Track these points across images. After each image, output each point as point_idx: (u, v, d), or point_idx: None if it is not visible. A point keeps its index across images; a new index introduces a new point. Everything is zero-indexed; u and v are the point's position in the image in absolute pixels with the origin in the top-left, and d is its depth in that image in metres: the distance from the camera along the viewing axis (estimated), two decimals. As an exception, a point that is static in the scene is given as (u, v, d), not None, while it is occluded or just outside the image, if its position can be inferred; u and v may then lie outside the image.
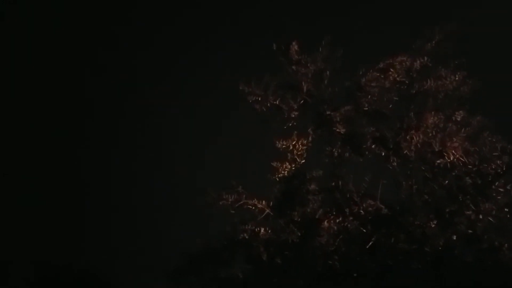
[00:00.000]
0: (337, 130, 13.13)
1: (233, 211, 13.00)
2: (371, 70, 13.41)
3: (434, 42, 13.18)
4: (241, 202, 12.98)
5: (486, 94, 13.03)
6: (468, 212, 12.07)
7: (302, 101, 13.67)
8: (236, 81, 13.98)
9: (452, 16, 13.68)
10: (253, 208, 12.96)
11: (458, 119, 12.81)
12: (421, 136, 12.64)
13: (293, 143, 13.21)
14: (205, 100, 16.83)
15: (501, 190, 12.10)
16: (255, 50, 14.73)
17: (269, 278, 12.53)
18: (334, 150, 13.13)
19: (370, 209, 12.28)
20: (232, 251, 12.93)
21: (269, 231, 12.71)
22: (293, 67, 13.80)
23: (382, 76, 13.28)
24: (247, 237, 12.79)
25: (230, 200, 12.95)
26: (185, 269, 13.02)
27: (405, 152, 12.70)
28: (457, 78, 12.90)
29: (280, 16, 17.32)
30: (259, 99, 13.67)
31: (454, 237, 11.94)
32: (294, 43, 13.76)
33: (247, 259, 12.86)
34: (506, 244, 11.72)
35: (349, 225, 12.07)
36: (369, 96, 13.32)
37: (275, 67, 14.14)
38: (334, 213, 12.33)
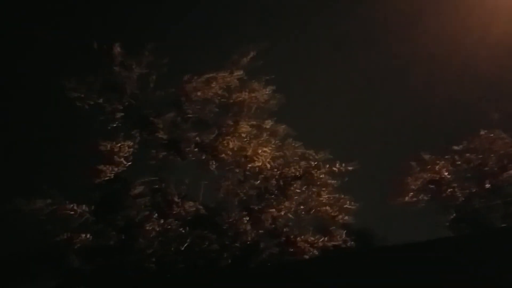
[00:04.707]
0: (160, 135, 14.07)
1: (43, 217, 12.85)
2: (196, 79, 14.54)
3: (249, 57, 14.79)
4: (55, 207, 12.89)
5: (291, 106, 15.15)
6: (272, 210, 14.07)
7: (127, 103, 14.28)
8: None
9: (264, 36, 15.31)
10: (72, 213, 13.00)
11: (267, 127, 14.69)
12: (235, 143, 14.27)
13: (119, 145, 13.82)
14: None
15: (298, 190, 14.34)
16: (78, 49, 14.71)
17: None
18: (158, 153, 14.07)
19: (189, 210, 13.53)
20: (42, 263, 12.85)
21: (88, 236, 12.84)
22: (116, 68, 14.27)
23: (206, 87, 14.51)
24: (60, 245, 12.75)
25: (40, 205, 12.79)
26: None
27: (222, 156, 14.23)
28: (267, 92, 14.74)
29: (107, 18, 17.32)
30: (82, 96, 13.91)
31: (261, 232, 13.87)
32: (116, 44, 14.22)
33: (59, 270, 12.98)
34: (301, 236, 13.98)
35: (169, 227, 13.14)
36: (193, 104, 14.50)
37: (100, 66, 14.43)
38: (156, 215, 13.30)
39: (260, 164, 14.19)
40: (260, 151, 14.14)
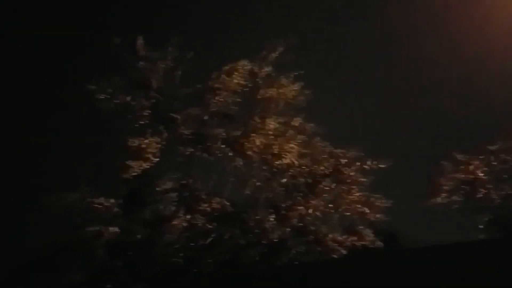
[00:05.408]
0: (186, 131, 14.00)
1: (75, 211, 12.98)
2: (220, 73, 14.42)
3: (277, 52, 14.58)
4: (85, 201, 12.97)
5: (319, 103, 14.90)
6: (299, 208, 13.83)
7: (153, 101, 14.25)
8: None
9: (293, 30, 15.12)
10: (100, 207, 13.05)
11: (296, 125, 14.46)
12: (262, 140, 14.07)
13: (147, 141, 13.78)
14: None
15: (327, 188, 14.07)
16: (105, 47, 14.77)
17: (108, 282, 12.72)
18: (185, 149, 14.00)
19: (216, 206, 13.42)
20: (69, 256, 12.91)
21: (117, 230, 12.91)
22: (141, 63, 14.24)
23: (228, 79, 14.36)
24: (89, 239, 12.80)
25: (70, 200, 12.92)
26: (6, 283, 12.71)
27: (248, 153, 14.05)
28: (295, 88, 14.50)
29: (128, 12, 17.42)
30: (109, 97, 13.89)
31: (288, 230, 13.65)
32: (139, 37, 14.17)
33: (87, 263, 13.03)
34: (330, 235, 13.71)
35: (196, 223, 13.05)
36: (217, 98, 14.35)
37: (125, 64, 14.43)
38: (183, 211, 13.23)
39: (287, 161, 13.97)
40: (286, 147, 13.89)
